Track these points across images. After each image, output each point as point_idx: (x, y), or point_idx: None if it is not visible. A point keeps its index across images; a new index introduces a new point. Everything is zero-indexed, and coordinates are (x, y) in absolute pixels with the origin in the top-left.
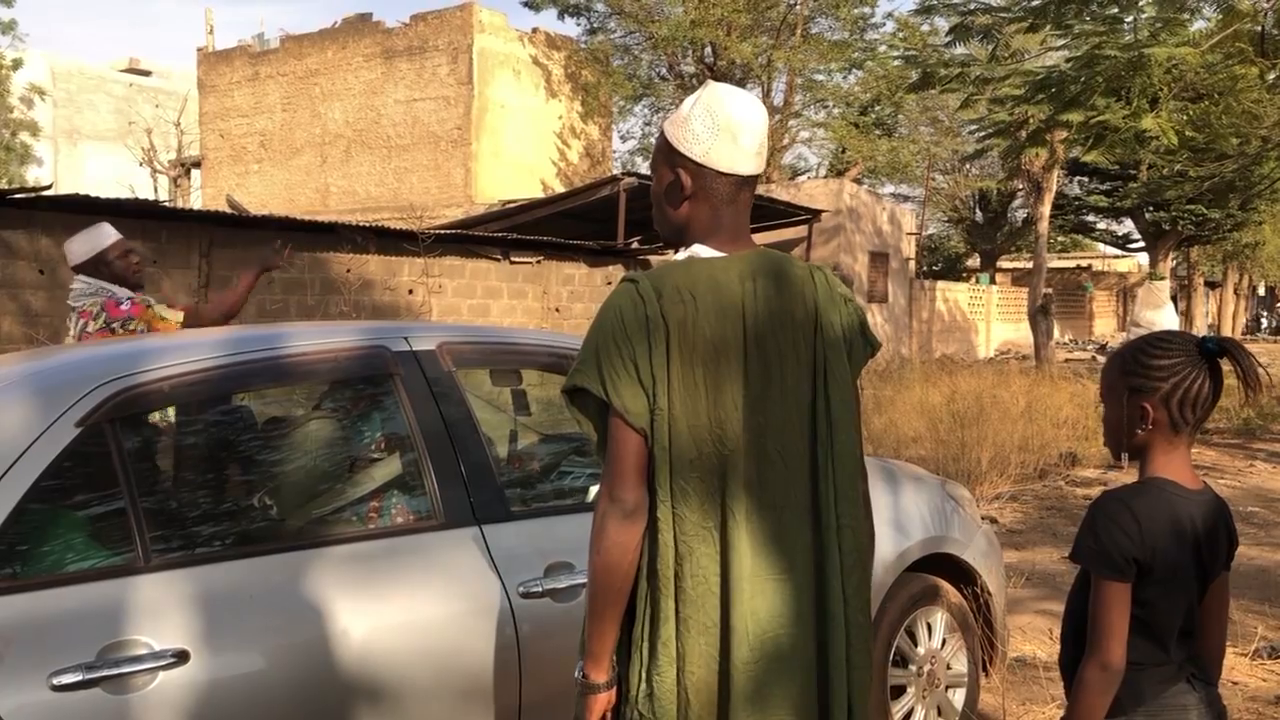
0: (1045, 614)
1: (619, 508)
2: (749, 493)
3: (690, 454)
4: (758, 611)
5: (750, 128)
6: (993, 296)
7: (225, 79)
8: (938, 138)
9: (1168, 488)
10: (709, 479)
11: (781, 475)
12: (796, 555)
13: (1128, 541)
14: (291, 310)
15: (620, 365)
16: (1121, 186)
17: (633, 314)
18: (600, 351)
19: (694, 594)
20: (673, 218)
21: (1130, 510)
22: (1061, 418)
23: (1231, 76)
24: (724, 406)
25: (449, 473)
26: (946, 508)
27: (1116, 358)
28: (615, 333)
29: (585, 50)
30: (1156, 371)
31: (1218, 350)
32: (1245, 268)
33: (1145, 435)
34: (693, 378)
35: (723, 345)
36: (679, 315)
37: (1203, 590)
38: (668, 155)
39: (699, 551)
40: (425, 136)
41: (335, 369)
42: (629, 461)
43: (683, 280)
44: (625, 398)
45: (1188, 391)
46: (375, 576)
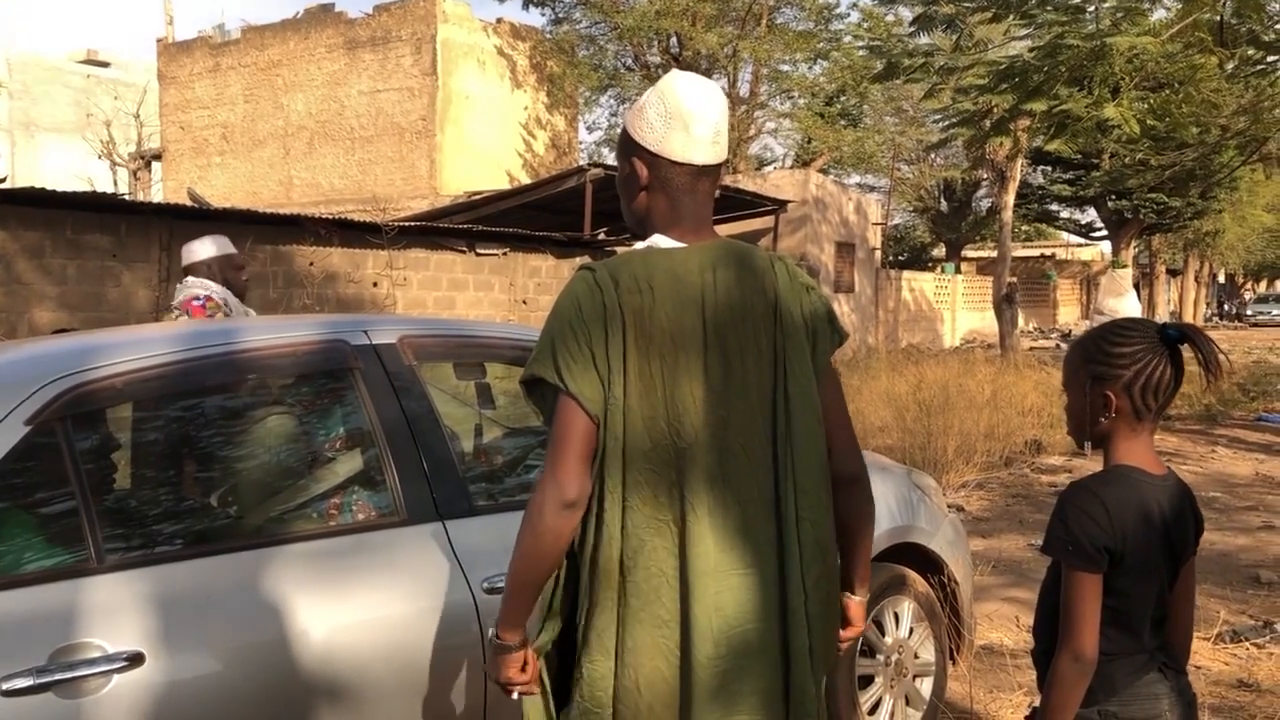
0: (1012, 601)
1: (559, 495)
2: (711, 487)
3: (644, 445)
4: (723, 607)
5: (704, 115)
6: (958, 286)
7: (186, 70)
8: (902, 128)
9: (1134, 475)
10: (664, 472)
11: (745, 469)
12: (761, 549)
13: (1098, 531)
14: (255, 304)
15: (576, 352)
16: (1084, 176)
17: (590, 302)
18: (556, 339)
19: (645, 587)
20: (634, 209)
21: (1099, 499)
22: (1026, 406)
23: (1191, 66)
24: (681, 400)
25: (411, 468)
26: (913, 497)
27: (1078, 346)
28: (572, 320)
29: (550, 41)
30: (1118, 359)
31: (1178, 337)
32: (1206, 256)
33: (1108, 423)
34: (649, 369)
35: (680, 337)
36: (635, 305)
37: (1173, 577)
38: (625, 146)
39: (652, 544)
40: (389, 128)
41: (294, 363)
42: (577, 447)
43: (640, 270)
44: (580, 383)
45: (1150, 378)
46: (336, 574)
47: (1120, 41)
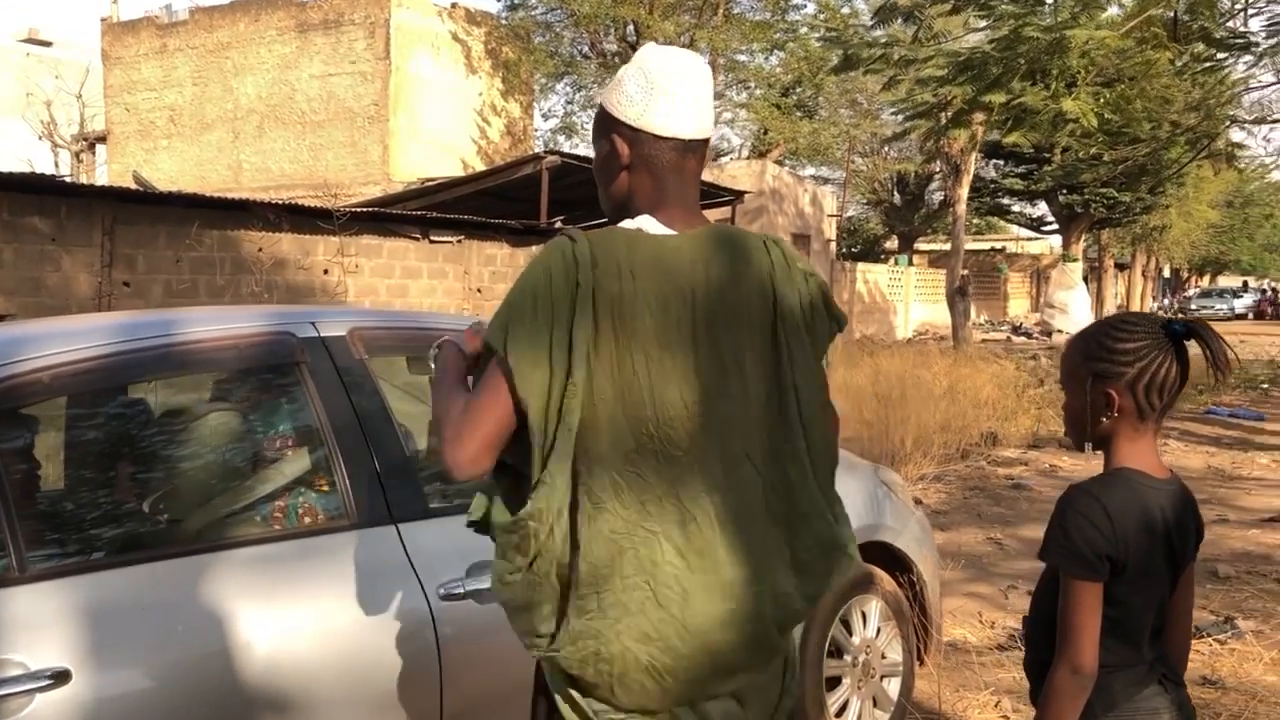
0: (974, 597)
1: (454, 467)
2: (720, 495)
3: (627, 445)
4: (730, 623)
5: (688, 85)
6: (911, 278)
7: (131, 51)
8: (857, 120)
9: (1137, 478)
10: (653, 479)
11: (752, 478)
12: (767, 562)
13: (1099, 538)
14: (201, 290)
15: (530, 325)
16: (1036, 170)
17: (562, 276)
18: (514, 309)
19: (624, 599)
20: (613, 192)
21: (1101, 504)
22: (982, 398)
23: (1146, 61)
24: (670, 403)
25: (361, 468)
26: (880, 494)
27: (1078, 342)
28: (538, 291)
29: (506, 27)
30: (1121, 356)
31: (1184, 332)
32: (1153, 250)
33: (1110, 423)
34: (629, 364)
35: (666, 336)
36: (614, 291)
37: (1173, 584)
38: (602, 123)
39: (634, 555)
40: (341, 112)
41: (236, 357)
42: (485, 426)
43: (624, 255)
44: (521, 362)
45: (1154, 376)
46: (281, 582)
47: (1079, 34)
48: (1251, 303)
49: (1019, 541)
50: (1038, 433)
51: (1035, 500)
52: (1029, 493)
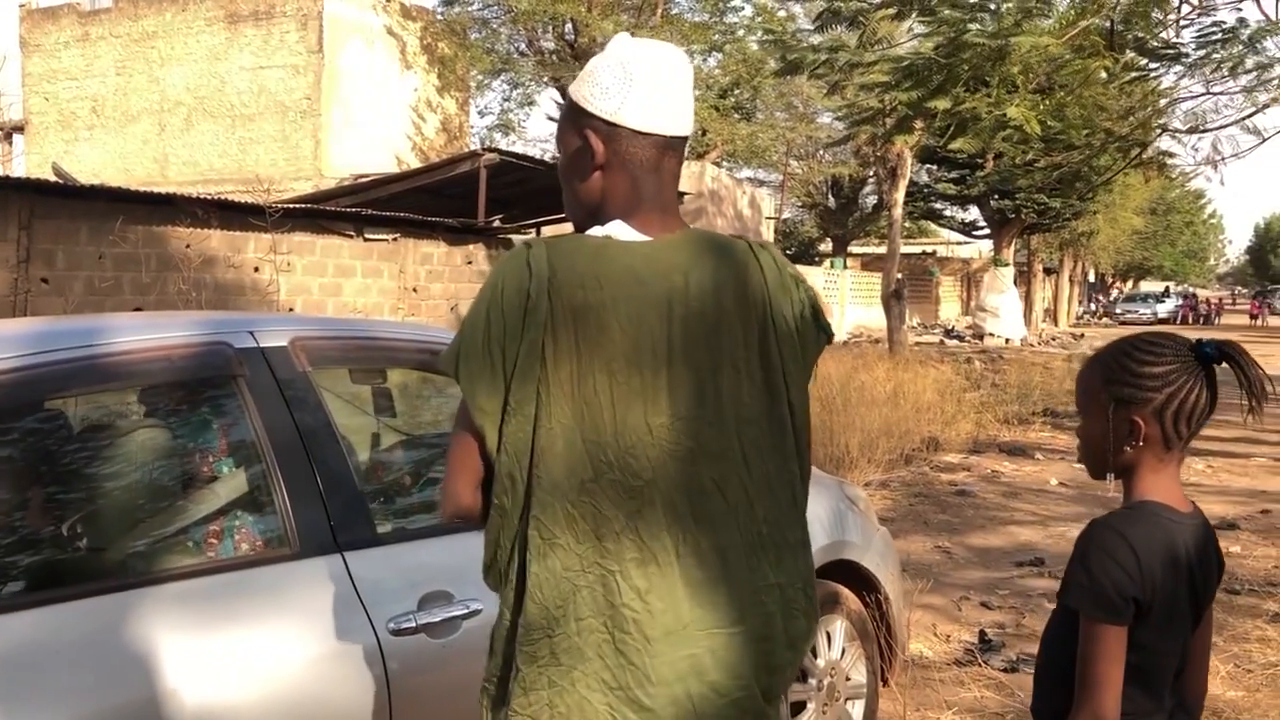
0: (928, 609)
1: (453, 508)
2: (682, 531)
3: (583, 474)
4: (706, 671)
5: (672, 77)
6: (846, 280)
7: (52, 38)
8: (792, 123)
9: (1162, 513)
10: (610, 511)
11: (722, 510)
12: (746, 601)
13: (1125, 579)
14: (125, 288)
15: (482, 346)
16: (969, 175)
17: (514, 288)
18: (465, 330)
19: (578, 643)
20: (584, 194)
21: (1127, 542)
22: (924, 402)
23: (1083, 69)
24: (635, 428)
25: (304, 493)
26: (845, 510)
27: (1097, 364)
28: (490, 307)
29: (442, 22)
30: (1148, 380)
31: (1216, 355)
32: (1080, 255)
33: (1133, 453)
34: (592, 386)
35: (636, 354)
36: (576, 303)
37: (1195, 625)
38: (573, 117)
39: (589, 594)
40: (272, 106)
41: (166, 369)
42: (461, 461)
43: (590, 264)
44: (475, 386)
45: (1184, 403)
46: (215, 619)
47: (1023, 41)
48: (1174, 308)
49: (967, 550)
50: (978, 437)
51: (980, 507)
52: (974, 499)
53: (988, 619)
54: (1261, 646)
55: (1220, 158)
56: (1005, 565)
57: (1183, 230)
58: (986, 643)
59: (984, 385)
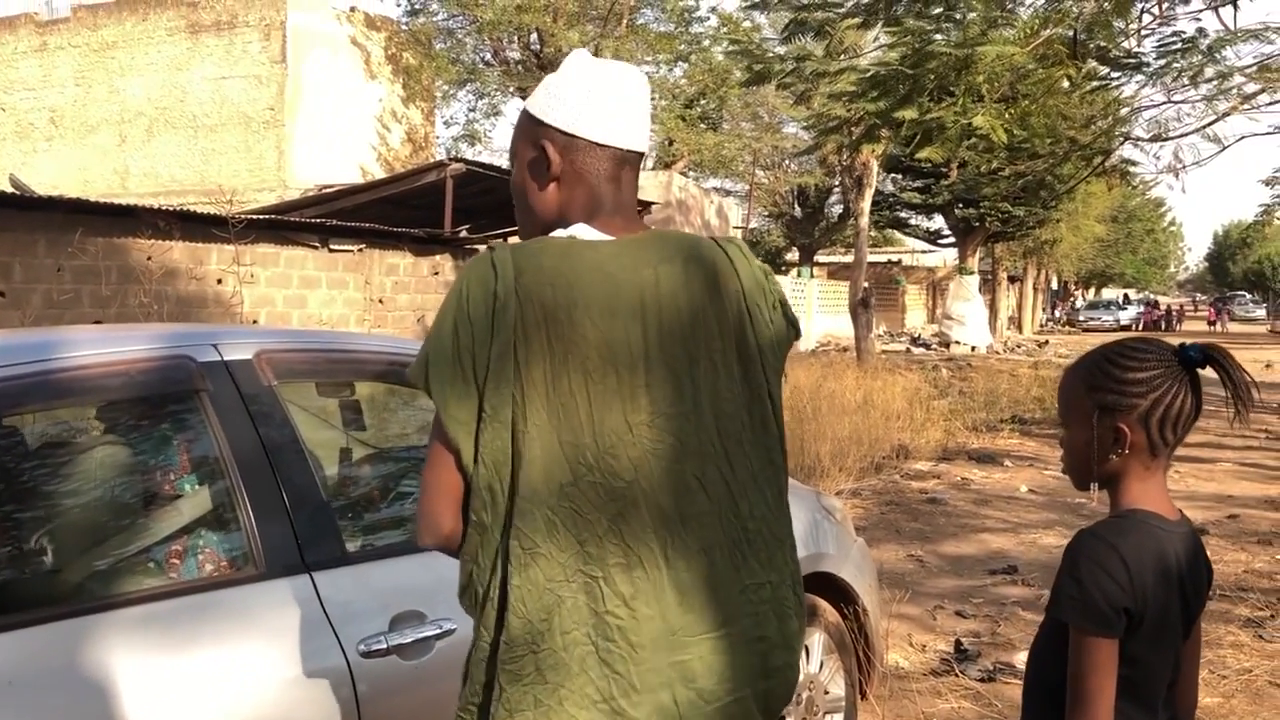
0: (903, 619)
1: (431, 533)
2: (668, 532)
3: (562, 478)
4: (696, 678)
5: (629, 92)
6: (813, 289)
7: (9, 48)
8: (759, 133)
9: (1151, 521)
10: (593, 515)
11: (706, 509)
12: (734, 602)
13: (1116, 589)
14: (85, 301)
15: (451, 354)
16: (934, 184)
17: (481, 291)
18: (431, 339)
19: (564, 657)
20: (539, 205)
21: (1117, 552)
22: (893, 410)
23: (1047, 78)
24: (614, 428)
25: (270, 511)
26: (821, 521)
27: (1080, 371)
28: (457, 313)
29: (407, 32)
30: (1132, 387)
31: (1201, 359)
32: (1043, 263)
33: (1119, 461)
34: (567, 386)
35: (611, 351)
36: (546, 302)
37: (1185, 636)
38: (529, 128)
39: (572, 604)
40: (235, 116)
41: (126, 384)
42: (438, 478)
43: (556, 262)
44: (448, 398)
45: (1169, 408)
46: (178, 644)
47: (989, 50)
48: (1136, 314)
49: (940, 558)
50: (947, 445)
51: (951, 514)
52: (945, 507)
53: (963, 628)
54: (1235, 652)
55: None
56: (978, 573)
57: (1143, 238)
58: (962, 652)
59: (951, 393)
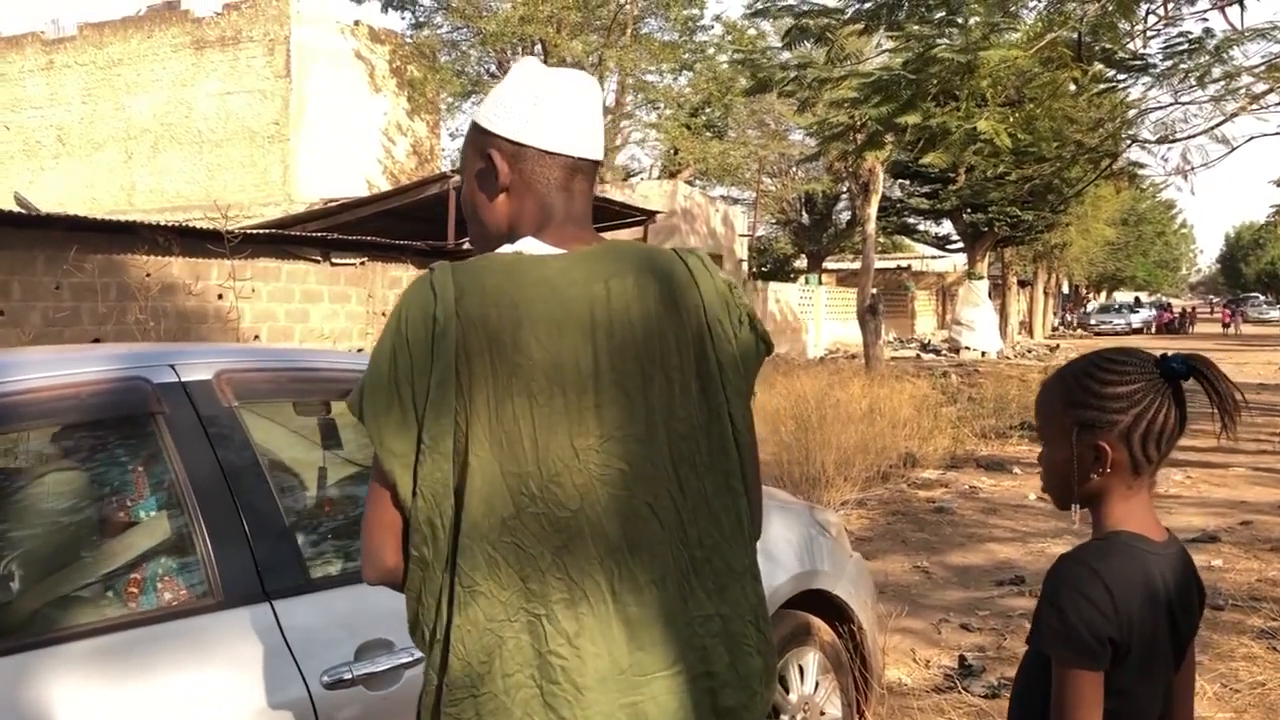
0: (906, 633)
1: (375, 570)
2: (615, 563)
3: (504, 511)
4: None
5: (580, 99)
6: (821, 296)
7: (15, 67)
8: (765, 141)
9: (1135, 543)
10: (535, 548)
11: (658, 537)
12: (685, 638)
13: (1100, 618)
14: (83, 318)
15: (388, 382)
16: (942, 189)
17: (420, 315)
18: (370, 367)
19: (505, 701)
20: (490, 219)
21: (1099, 579)
22: (900, 418)
23: (1052, 81)
24: (558, 454)
25: (228, 538)
26: (816, 537)
27: (1056, 386)
28: (395, 340)
29: (411, 45)
30: (1112, 402)
31: (1184, 371)
32: (1053, 267)
33: (1101, 480)
34: (511, 412)
35: (559, 372)
36: (489, 324)
37: (1177, 664)
38: (477, 139)
39: (515, 644)
40: (240, 131)
41: (76, 408)
42: (377, 514)
43: (500, 281)
44: (384, 429)
45: (1151, 424)
46: (130, 677)
47: (992, 55)
48: (1148, 317)
49: (946, 569)
50: (955, 453)
51: (959, 524)
52: (952, 516)
53: (968, 641)
54: (1248, 664)
55: (1190, 167)
56: (985, 584)
57: (1154, 240)
58: (966, 668)
59: (960, 399)
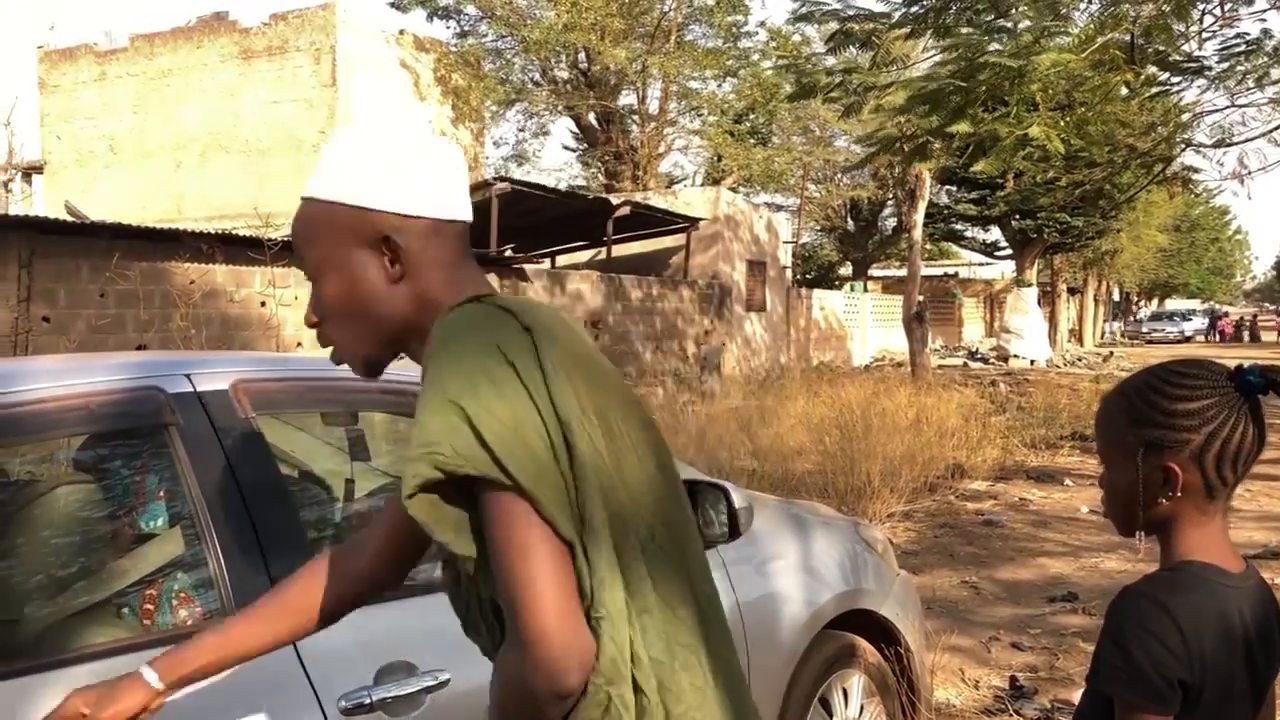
0: (955, 651)
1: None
2: (709, 591)
3: (638, 529)
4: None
5: (451, 155)
6: (866, 304)
7: (69, 78)
8: (809, 147)
9: (1209, 575)
10: (666, 569)
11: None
12: None
13: (1168, 657)
14: (127, 325)
15: (509, 417)
16: (990, 195)
17: (519, 345)
18: (474, 404)
19: None
20: (387, 314)
21: (1169, 615)
22: (948, 428)
23: (1104, 85)
24: (649, 474)
25: (242, 554)
26: (861, 554)
27: (1120, 402)
28: (494, 372)
29: (455, 53)
30: (1183, 419)
31: (1262, 384)
32: (1104, 274)
33: (1171, 505)
34: (610, 424)
35: (605, 396)
36: (565, 342)
37: (1256, 708)
38: (348, 225)
39: (679, 690)
40: (287, 140)
41: (89, 419)
42: (561, 583)
43: (548, 315)
44: (529, 471)
45: (1226, 443)
46: None
47: (1043, 60)
48: (1202, 325)
49: (995, 584)
50: (1004, 463)
51: (1008, 537)
52: (1001, 529)
53: (1019, 661)
54: None
55: (1247, 171)
56: (1036, 601)
57: (1208, 247)
58: (1018, 689)
59: (1009, 409)
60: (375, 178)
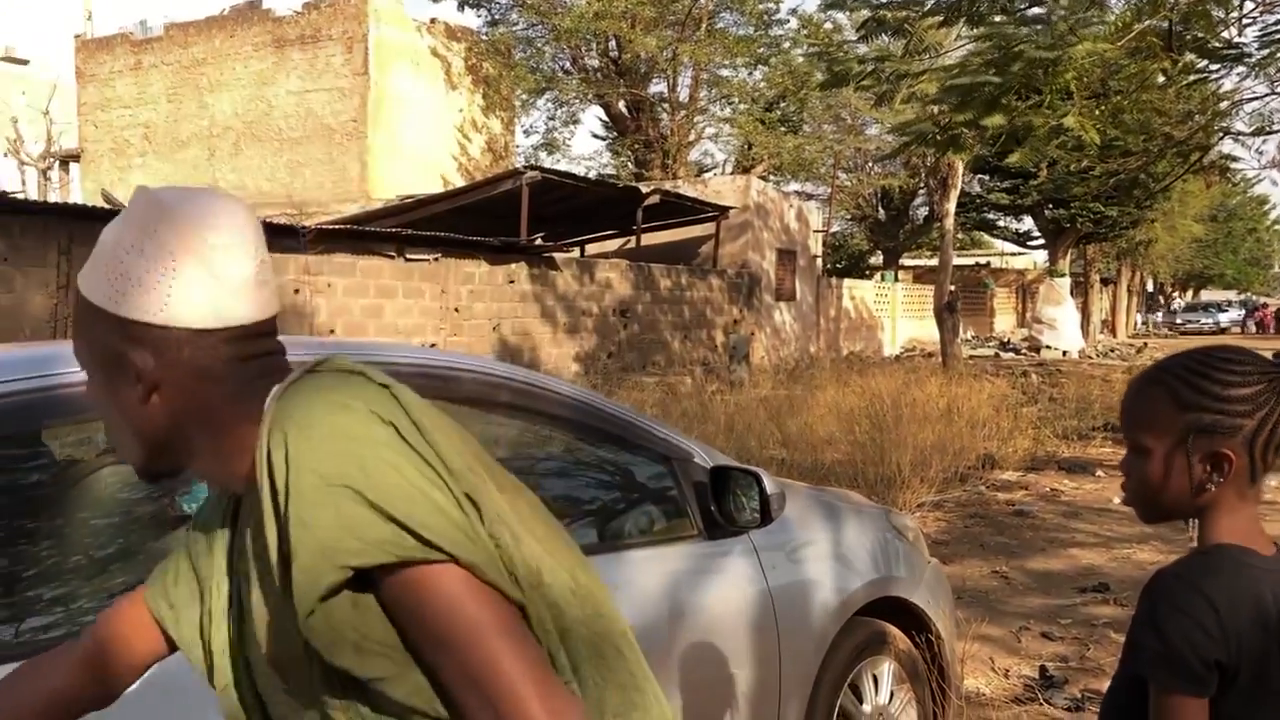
0: (984, 640)
1: None
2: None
3: (564, 579)
4: None
5: (242, 233)
6: (897, 293)
7: (105, 68)
8: (841, 135)
9: (1244, 559)
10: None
11: None
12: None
13: (1205, 640)
14: None
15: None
16: (1023, 185)
17: (383, 400)
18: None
19: None
20: (143, 425)
21: (1205, 597)
22: (979, 418)
23: (1141, 72)
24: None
25: None
26: (892, 541)
27: (1156, 388)
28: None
29: (486, 42)
30: (1237, 405)
31: None
32: (1138, 265)
33: (1214, 490)
34: (491, 473)
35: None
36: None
37: None
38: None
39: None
40: (319, 129)
41: None
42: (533, 655)
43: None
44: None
45: (1276, 428)
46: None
47: (1078, 49)
48: (1238, 317)
49: (1026, 574)
50: (1036, 454)
51: (1039, 528)
52: (1032, 519)
53: (1049, 651)
54: None
55: None
56: (1067, 591)
57: (1245, 238)
58: (1048, 678)
59: (1041, 399)
60: (107, 270)
